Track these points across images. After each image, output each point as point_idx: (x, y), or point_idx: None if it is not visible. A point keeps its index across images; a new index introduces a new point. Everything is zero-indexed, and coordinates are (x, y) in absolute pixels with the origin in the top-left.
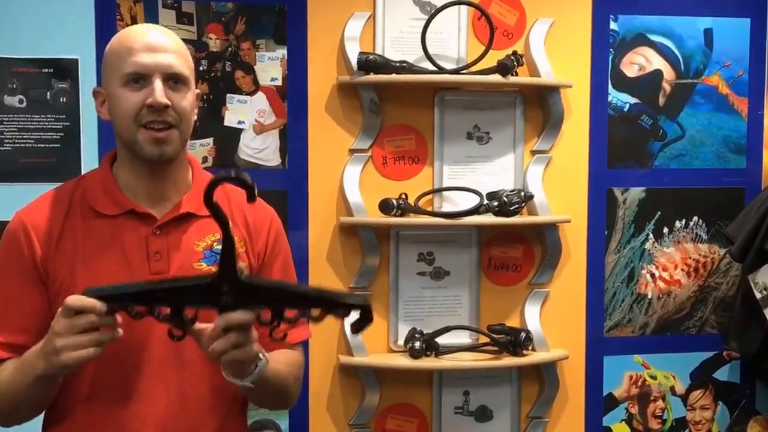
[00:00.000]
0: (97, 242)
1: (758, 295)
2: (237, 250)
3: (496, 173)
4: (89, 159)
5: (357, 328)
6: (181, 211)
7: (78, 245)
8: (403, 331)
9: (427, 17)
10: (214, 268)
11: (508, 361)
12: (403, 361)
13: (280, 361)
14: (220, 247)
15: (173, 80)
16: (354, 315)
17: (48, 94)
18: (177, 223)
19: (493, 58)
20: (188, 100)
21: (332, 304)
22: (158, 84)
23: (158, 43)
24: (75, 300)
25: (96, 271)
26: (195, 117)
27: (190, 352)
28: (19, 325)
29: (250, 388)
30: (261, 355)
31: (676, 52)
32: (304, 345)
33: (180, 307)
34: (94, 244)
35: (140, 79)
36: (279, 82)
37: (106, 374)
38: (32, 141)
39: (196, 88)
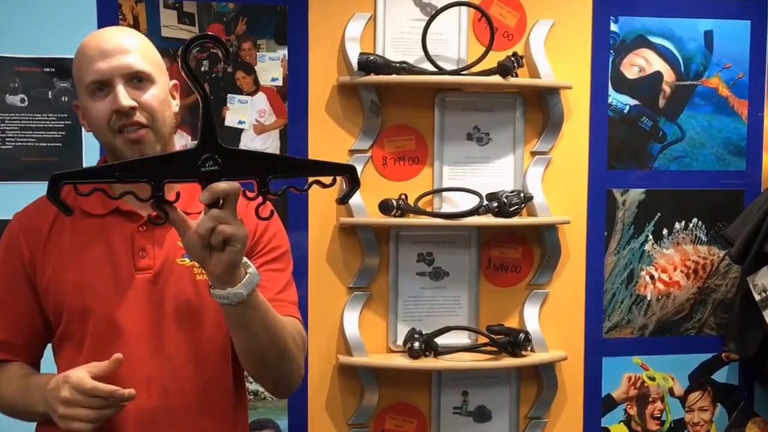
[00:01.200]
0: (85, 241)
1: (757, 297)
2: None
3: (495, 174)
4: (90, 158)
5: (345, 196)
6: None
7: (66, 244)
8: (403, 331)
9: (427, 18)
10: (197, 263)
11: (507, 361)
12: (402, 361)
13: (273, 310)
14: None
15: (136, 79)
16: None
17: (50, 93)
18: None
19: (493, 59)
20: (156, 96)
21: (317, 171)
22: (120, 88)
23: (113, 46)
24: (89, 385)
25: (83, 268)
26: (176, 108)
27: (171, 347)
28: (12, 324)
29: (242, 308)
30: (250, 264)
31: (677, 53)
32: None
33: (160, 182)
34: (81, 243)
35: (103, 86)
36: (279, 83)
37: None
38: (34, 140)
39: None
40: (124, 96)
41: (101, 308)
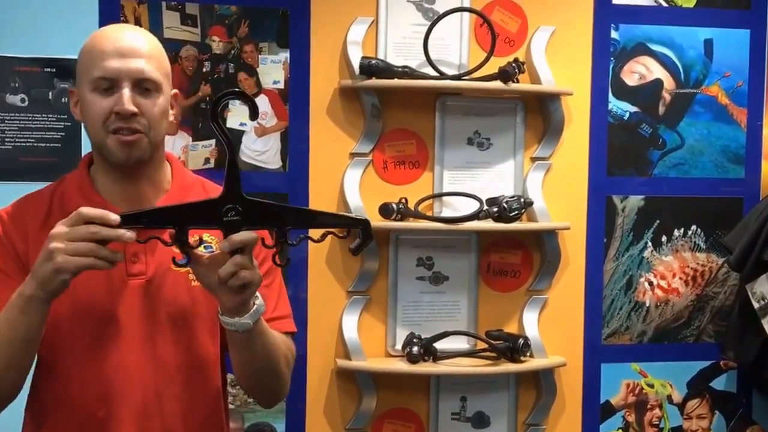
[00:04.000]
0: None
1: (756, 305)
2: (216, 250)
3: (496, 179)
4: None
5: (358, 248)
6: None
7: None
8: (401, 335)
9: (429, 23)
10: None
11: (506, 367)
12: (401, 366)
13: (272, 332)
14: (198, 248)
15: (144, 86)
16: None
17: (50, 93)
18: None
19: (494, 65)
20: (159, 105)
21: (332, 224)
22: (126, 91)
23: (130, 47)
24: (88, 209)
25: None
26: (172, 118)
27: (165, 353)
28: None
29: (247, 334)
30: (258, 294)
31: (677, 61)
32: (302, 347)
33: (184, 228)
34: None
35: (110, 84)
36: (281, 85)
37: (82, 375)
38: (33, 140)
39: (199, 91)
40: (128, 100)
41: (93, 313)
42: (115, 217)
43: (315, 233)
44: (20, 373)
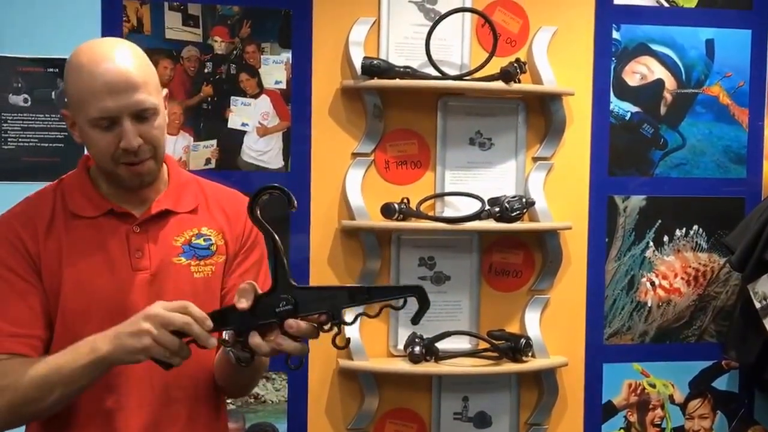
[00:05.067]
0: (80, 242)
1: (758, 305)
2: (216, 243)
3: (497, 179)
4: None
5: (416, 316)
6: (159, 208)
7: (63, 245)
8: (403, 335)
9: (431, 23)
10: (193, 262)
11: (508, 367)
12: (403, 366)
13: None
14: (198, 241)
15: (143, 115)
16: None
17: (52, 93)
18: (155, 220)
19: (496, 65)
20: (159, 126)
21: (385, 296)
22: (128, 126)
23: (121, 82)
24: (196, 310)
25: (80, 269)
26: (167, 118)
27: None
28: (39, 318)
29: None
30: None
31: (678, 62)
32: None
33: (245, 330)
34: (77, 245)
35: (109, 122)
36: (283, 86)
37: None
38: (36, 140)
39: (201, 91)
40: (133, 136)
41: (103, 307)
42: (210, 324)
43: (371, 309)
44: (58, 407)
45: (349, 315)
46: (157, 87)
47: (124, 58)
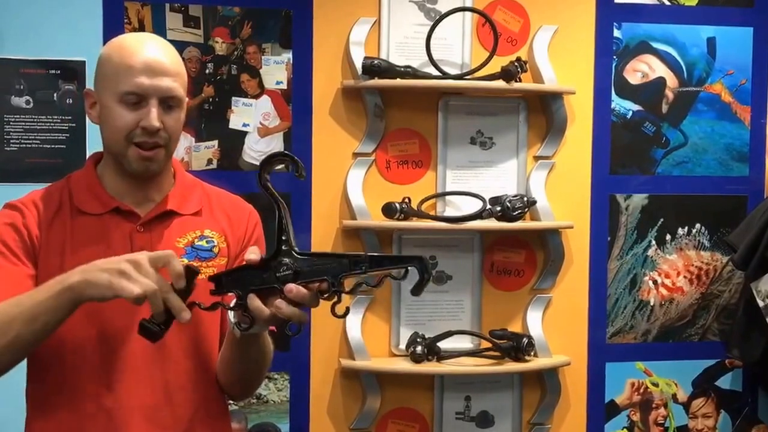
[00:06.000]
0: (85, 239)
1: (761, 303)
2: (218, 245)
3: (499, 178)
4: None
5: (417, 287)
6: (163, 209)
7: (67, 240)
8: (405, 335)
9: (431, 23)
10: (195, 263)
11: (510, 366)
12: (405, 366)
13: (269, 340)
14: (201, 243)
15: (169, 103)
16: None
17: (54, 95)
18: (160, 220)
19: (496, 64)
20: (179, 120)
21: (385, 265)
22: (154, 108)
23: (158, 64)
24: (179, 264)
25: (82, 264)
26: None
27: (172, 345)
28: (11, 288)
29: (255, 338)
30: None
31: (679, 60)
32: (306, 347)
33: (244, 293)
34: (81, 241)
35: (137, 99)
36: (284, 86)
37: (90, 367)
38: (38, 142)
39: (203, 92)
40: (155, 117)
41: (102, 306)
42: (181, 282)
43: (371, 278)
44: (18, 356)
45: (349, 283)
46: (185, 86)
47: (165, 47)
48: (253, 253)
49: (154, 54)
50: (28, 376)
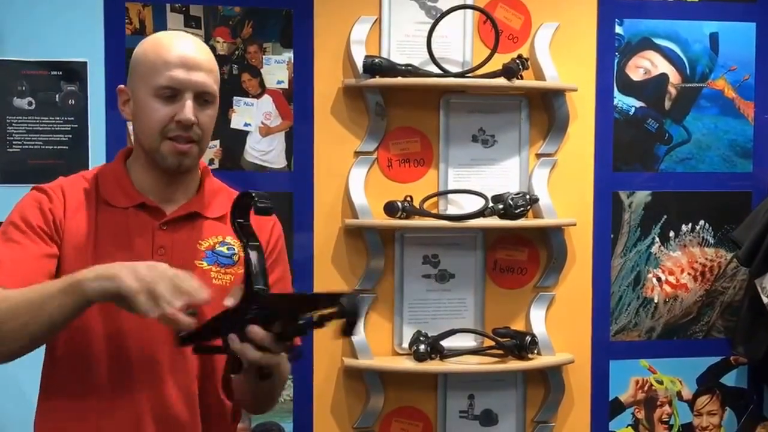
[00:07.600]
0: (107, 230)
1: (765, 300)
2: (238, 254)
3: (501, 176)
4: (97, 161)
5: (345, 331)
6: (188, 210)
7: (90, 229)
8: (408, 333)
9: (432, 21)
10: (214, 268)
11: (514, 364)
12: (408, 364)
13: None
14: (222, 249)
15: (203, 98)
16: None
17: (57, 96)
18: (184, 221)
19: (498, 62)
20: (212, 117)
21: (319, 305)
22: (189, 102)
23: (194, 60)
24: (195, 283)
25: (102, 255)
26: None
27: (186, 349)
28: (30, 278)
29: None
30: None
31: (682, 56)
32: (309, 346)
33: (228, 335)
34: (104, 231)
35: (174, 93)
36: (285, 85)
37: (103, 363)
38: (41, 143)
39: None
40: (190, 110)
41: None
42: (189, 322)
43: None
44: (25, 344)
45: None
46: (218, 84)
47: (199, 44)
48: (229, 300)
49: (189, 49)
50: (46, 367)
